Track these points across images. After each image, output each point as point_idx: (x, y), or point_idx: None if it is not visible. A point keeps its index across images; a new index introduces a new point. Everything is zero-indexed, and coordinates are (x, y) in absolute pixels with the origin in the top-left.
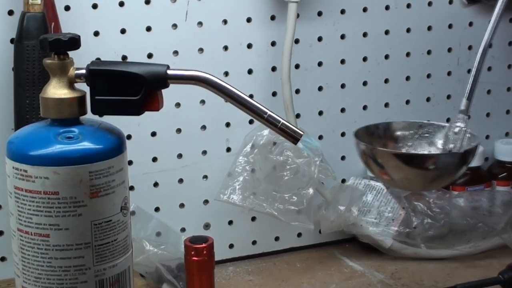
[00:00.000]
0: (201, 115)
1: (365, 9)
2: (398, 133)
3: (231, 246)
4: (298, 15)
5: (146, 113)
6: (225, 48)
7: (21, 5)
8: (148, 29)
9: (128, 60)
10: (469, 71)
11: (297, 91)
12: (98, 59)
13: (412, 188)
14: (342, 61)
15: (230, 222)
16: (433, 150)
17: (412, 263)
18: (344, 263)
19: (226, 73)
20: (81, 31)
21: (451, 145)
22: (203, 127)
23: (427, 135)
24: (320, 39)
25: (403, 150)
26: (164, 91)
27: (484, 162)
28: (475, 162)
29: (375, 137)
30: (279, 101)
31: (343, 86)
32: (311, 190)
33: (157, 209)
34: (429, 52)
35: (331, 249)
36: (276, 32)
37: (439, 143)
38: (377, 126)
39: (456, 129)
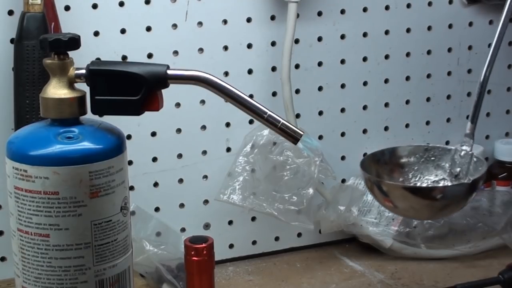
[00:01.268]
0: (201, 115)
1: (365, 9)
2: (404, 158)
3: (231, 246)
4: (298, 15)
5: (146, 113)
6: (225, 48)
7: (21, 5)
8: (148, 29)
9: (128, 60)
10: (469, 71)
11: (297, 91)
12: (98, 59)
13: (417, 217)
14: (342, 61)
15: (230, 222)
16: (440, 174)
17: (412, 263)
18: (344, 263)
19: (226, 73)
20: (81, 31)
21: (458, 169)
22: (203, 127)
23: (433, 158)
24: (320, 39)
25: (410, 175)
26: (164, 91)
27: None
28: None
29: (381, 164)
30: (279, 101)
31: (343, 86)
32: (311, 190)
33: (157, 209)
34: (429, 52)
35: (331, 249)
36: (276, 32)
37: (446, 166)
38: (383, 153)
39: (462, 153)
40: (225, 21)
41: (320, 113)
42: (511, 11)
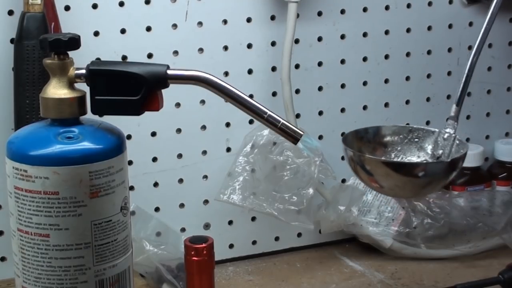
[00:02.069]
0: (201, 115)
1: (365, 9)
2: (388, 137)
3: (231, 246)
4: (298, 15)
5: (146, 113)
6: (225, 48)
7: (21, 5)
8: (148, 29)
9: (128, 60)
10: None
11: (297, 91)
12: (98, 59)
13: (402, 195)
14: (342, 61)
15: (230, 222)
16: (422, 155)
17: (412, 263)
18: (344, 263)
19: (226, 73)
20: (81, 31)
21: (440, 151)
22: (203, 127)
23: (416, 140)
24: (320, 39)
25: (392, 155)
26: (164, 91)
27: (484, 162)
28: (475, 162)
29: (364, 142)
30: (279, 101)
31: (343, 86)
32: (311, 190)
33: (157, 209)
34: (429, 52)
35: (331, 249)
36: (276, 32)
37: (429, 148)
38: (367, 131)
39: (446, 135)
40: (225, 21)
41: (320, 113)
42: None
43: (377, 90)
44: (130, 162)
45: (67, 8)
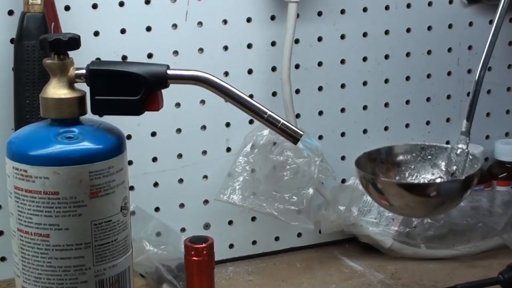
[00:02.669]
0: (201, 115)
1: (365, 9)
2: (401, 157)
3: (231, 246)
4: (298, 15)
5: (146, 113)
6: (225, 48)
7: (21, 5)
8: (148, 29)
9: (128, 60)
10: (469, 71)
11: (297, 91)
12: (98, 59)
13: (413, 215)
14: (342, 61)
15: (230, 222)
16: (436, 173)
17: (412, 263)
18: (344, 263)
19: (226, 73)
20: (81, 31)
21: (454, 167)
22: (203, 127)
23: (429, 157)
24: (320, 39)
25: (406, 174)
26: (164, 91)
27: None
28: None
29: (377, 163)
30: (279, 101)
31: (343, 86)
32: (311, 190)
33: (157, 209)
34: (429, 52)
35: (331, 249)
36: (276, 32)
37: (442, 165)
38: (379, 151)
39: (458, 151)
40: (225, 21)
41: (320, 113)
42: (506, 7)
43: (377, 90)
44: (130, 162)
45: (67, 8)
